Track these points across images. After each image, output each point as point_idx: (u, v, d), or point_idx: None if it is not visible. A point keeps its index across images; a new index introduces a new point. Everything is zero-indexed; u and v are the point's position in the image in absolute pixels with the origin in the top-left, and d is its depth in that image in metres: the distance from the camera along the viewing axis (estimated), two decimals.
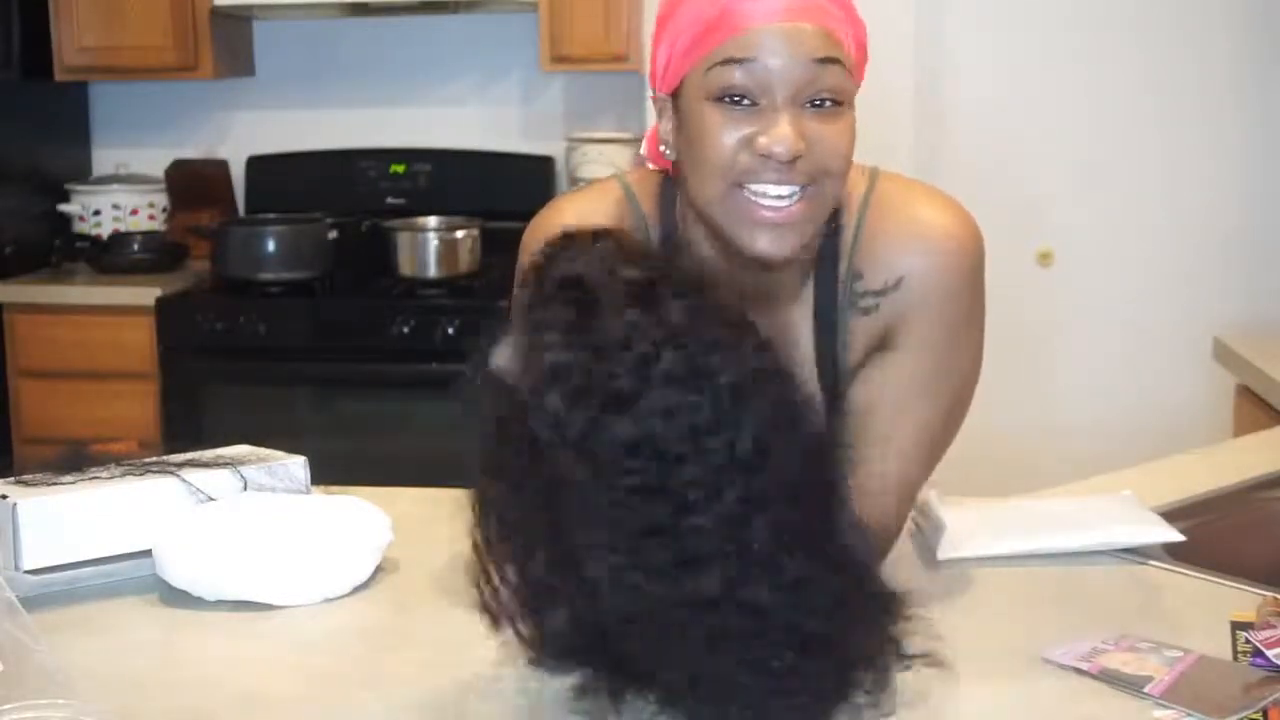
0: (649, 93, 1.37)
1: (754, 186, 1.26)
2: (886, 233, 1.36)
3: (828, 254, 1.37)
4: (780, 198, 1.26)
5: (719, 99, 1.26)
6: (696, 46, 1.27)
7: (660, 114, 1.35)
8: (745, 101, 1.25)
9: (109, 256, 3.92)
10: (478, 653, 1.22)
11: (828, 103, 1.26)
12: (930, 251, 1.35)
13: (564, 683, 1.10)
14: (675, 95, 1.31)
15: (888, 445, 1.36)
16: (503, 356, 1.05)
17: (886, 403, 1.36)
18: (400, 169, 4.04)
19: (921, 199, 1.38)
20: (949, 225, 1.36)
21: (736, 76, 1.25)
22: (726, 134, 1.26)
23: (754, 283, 1.35)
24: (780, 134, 1.24)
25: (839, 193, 1.31)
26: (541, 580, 1.05)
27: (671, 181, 1.41)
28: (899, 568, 1.44)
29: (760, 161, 1.25)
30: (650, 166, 1.45)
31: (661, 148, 1.36)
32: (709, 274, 1.10)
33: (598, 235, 1.07)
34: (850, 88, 1.28)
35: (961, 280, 1.36)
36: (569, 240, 1.07)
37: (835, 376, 1.38)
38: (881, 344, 1.37)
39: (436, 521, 1.61)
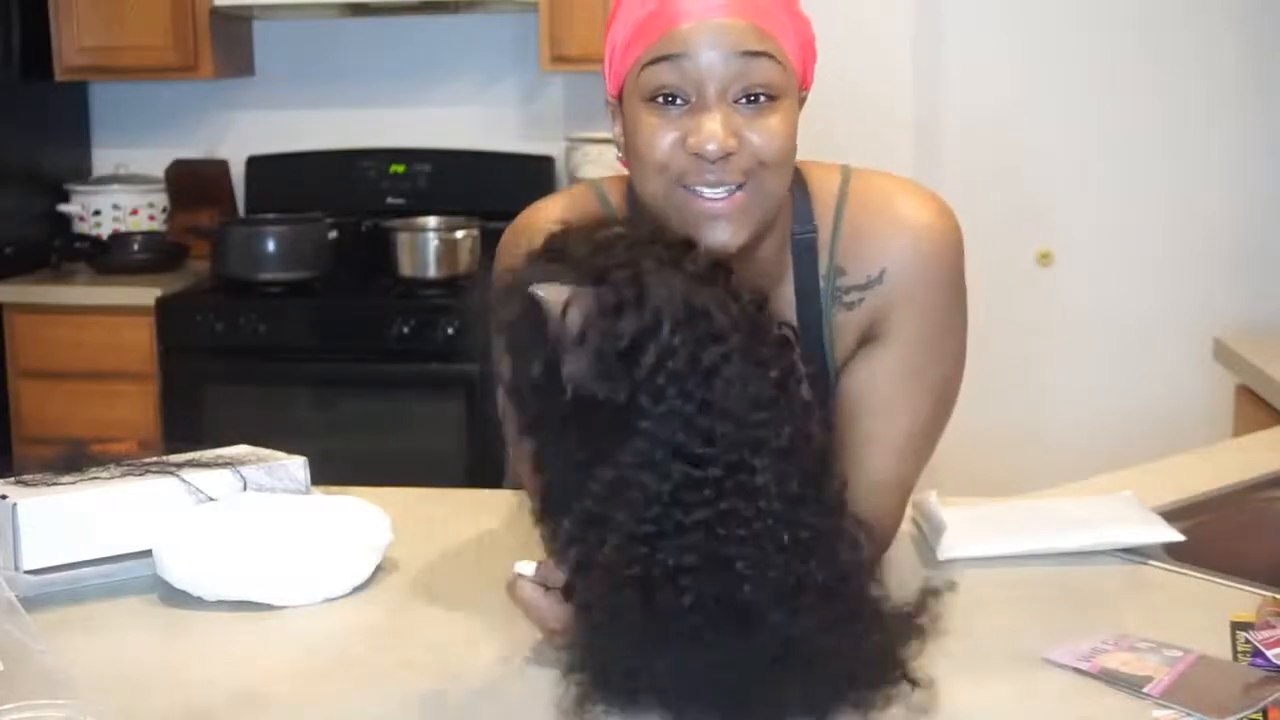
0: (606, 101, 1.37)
1: (690, 184, 1.26)
2: (867, 227, 1.36)
3: (805, 253, 1.37)
4: (717, 194, 1.26)
5: (652, 99, 1.27)
6: (630, 48, 1.28)
7: (612, 118, 1.35)
8: (678, 100, 1.26)
9: (109, 256, 3.92)
10: (478, 653, 1.22)
11: (761, 97, 1.26)
12: (912, 243, 1.35)
13: (562, 683, 1.09)
14: (620, 98, 1.32)
15: (880, 441, 1.36)
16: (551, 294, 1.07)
17: (876, 397, 1.37)
18: (400, 169, 4.04)
19: (899, 192, 1.39)
20: (929, 217, 1.37)
21: (666, 74, 1.25)
22: (660, 135, 1.26)
23: None
24: (709, 132, 1.24)
25: (782, 184, 1.30)
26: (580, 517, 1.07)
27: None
28: (899, 568, 1.44)
29: (694, 161, 1.25)
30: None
31: (616, 151, 1.37)
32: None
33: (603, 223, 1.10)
34: (784, 81, 1.27)
35: (943, 270, 1.37)
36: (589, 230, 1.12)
37: (824, 373, 1.38)
38: (866, 338, 1.38)
39: (436, 521, 1.62)
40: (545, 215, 1.40)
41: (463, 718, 1.13)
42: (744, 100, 1.25)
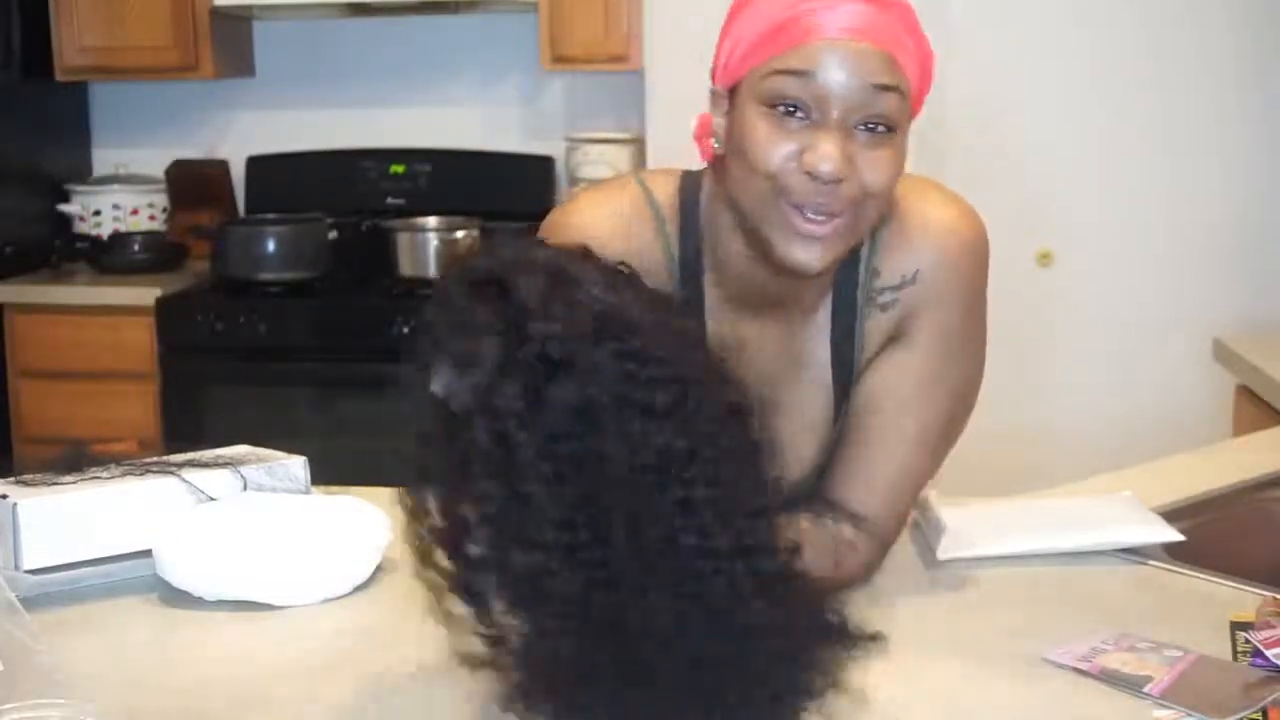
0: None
1: (795, 200, 1.25)
2: (902, 231, 1.37)
3: (848, 257, 1.37)
4: (820, 215, 1.25)
5: (772, 106, 1.25)
6: (759, 49, 1.26)
7: (715, 107, 1.34)
8: (798, 113, 1.25)
9: (109, 256, 3.92)
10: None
11: (880, 128, 1.25)
12: (942, 247, 1.37)
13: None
14: (732, 91, 1.31)
15: (898, 435, 1.37)
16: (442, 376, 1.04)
17: (899, 393, 1.37)
18: (400, 169, 4.04)
19: (933, 196, 1.40)
20: (958, 221, 1.38)
21: (792, 87, 1.24)
22: (775, 143, 1.25)
23: (779, 286, 1.35)
24: (827, 153, 1.23)
25: (877, 215, 1.31)
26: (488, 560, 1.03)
27: (694, 180, 1.41)
28: (899, 568, 1.44)
29: (803, 179, 1.24)
30: (701, 156, 1.43)
31: (712, 140, 1.35)
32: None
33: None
34: (904, 114, 1.27)
35: (970, 274, 1.38)
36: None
37: (850, 376, 1.39)
38: (893, 336, 1.39)
39: None
40: (580, 221, 1.38)
41: (462, 718, 1.13)
42: (863, 128, 1.25)
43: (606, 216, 1.38)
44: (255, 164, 4.12)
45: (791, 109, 1.25)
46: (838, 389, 1.40)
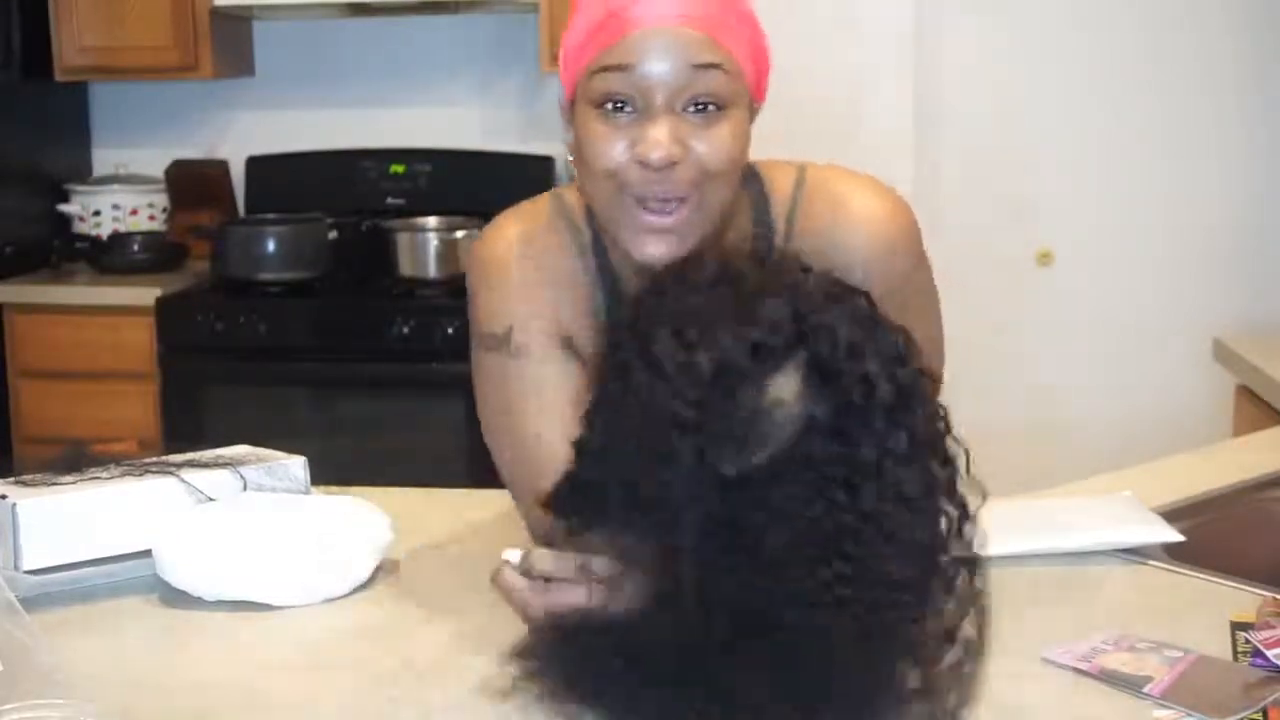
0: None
1: (636, 193, 1.26)
2: (815, 226, 1.36)
3: (763, 250, 1.36)
4: (663, 204, 1.26)
5: (600, 105, 1.27)
6: (582, 53, 1.28)
7: (566, 123, 1.35)
8: (626, 108, 1.26)
9: (109, 256, 3.92)
10: (478, 653, 1.22)
11: (709, 107, 1.25)
12: (858, 237, 1.36)
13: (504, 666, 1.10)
14: (572, 102, 1.32)
15: None
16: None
17: None
18: (400, 169, 4.04)
19: (849, 187, 1.39)
20: (874, 208, 1.37)
21: (614, 83, 1.25)
22: (607, 142, 1.26)
23: None
24: (654, 140, 1.24)
25: (727, 195, 1.30)
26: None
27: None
28: None
29: (640, 170, 1.25)
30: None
31: (568, 156, 1.37)
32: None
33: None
34: (734, 91, 1.27)
35: (896, 258, 1.37)
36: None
37: None
38: None
39: (436, 521, 1.62)
40: (506, 235, 1.42)
41: (462, 718, 1.13)
42: (692, 109, 1.25)
43: (531, 229, 1.41)
44: (255, 164, 4.12)
45: (619, 105, 1.26)
46: None
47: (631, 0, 1.25)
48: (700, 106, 1.25)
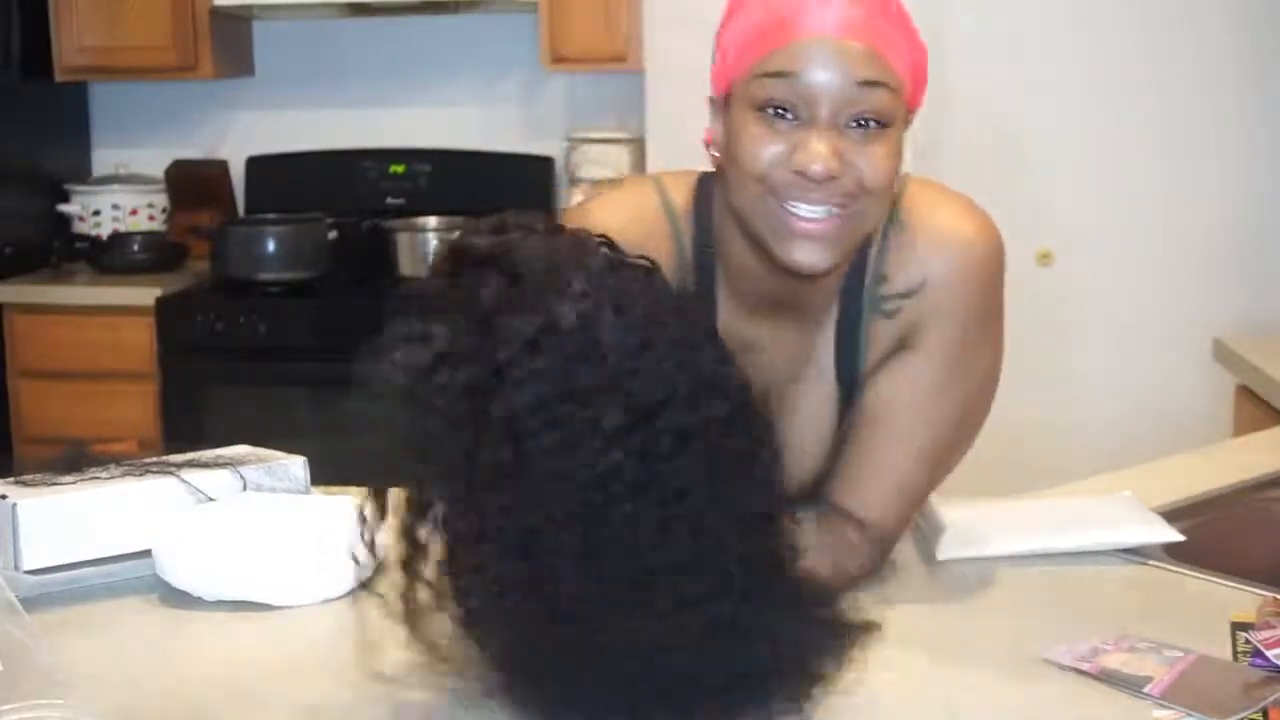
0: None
1: (788, 204, 1.26)
2: (913, 239, 1.37)
3: (856, 259, 1.37)
4: (814, 214, 1.25)
5: (761, 109, 1.25)
6: (746, 54, 1.27)
7: (713, 116, 1.34)
8: (788, 115, 1.25)
9: (109, 256, 3.92)
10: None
11: (871, 124, 1.25)
12: (952, 257, 1.36)
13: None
14: (726, 98, 1.31)
15: (897, 447, 1.37)
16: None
17: (900, 404, 1.37)
18: (400, 169, 4.04)
19: (947, 206, 1.39)
20: (971, 232, 1.38)
21: (779, 90, 1.24)
22: (765, 146, 1.25)
23: (788, 289, 1.35)
24: (816, 153, 1.23)
25: (880, 211, 1.30)
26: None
27: (709, 183, 1.41)
28: (899, 568, 1.44)
29: (795, 178, 1.24)
30: (709, 163, 1.44)
31: (711, 149, 1.36)
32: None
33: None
34: (896, 110, 1.27)
35: (980, 286, 1.38)
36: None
37: (853, 378, 1.39)
38: (899, 347, 1.38)
39: None
40: (594, 221, 1.35)
41: (462, 718, 1.13)
42: (853, 125, 1.25)
43: (622, 218, 1.37)
44: (255, 164, 4.12)
45: (780, 111, 1.25)
46: (842, 392, 1.40)
47: (802, 8, 1.24)
48: (862, 123, 1.25)
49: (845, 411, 1.40)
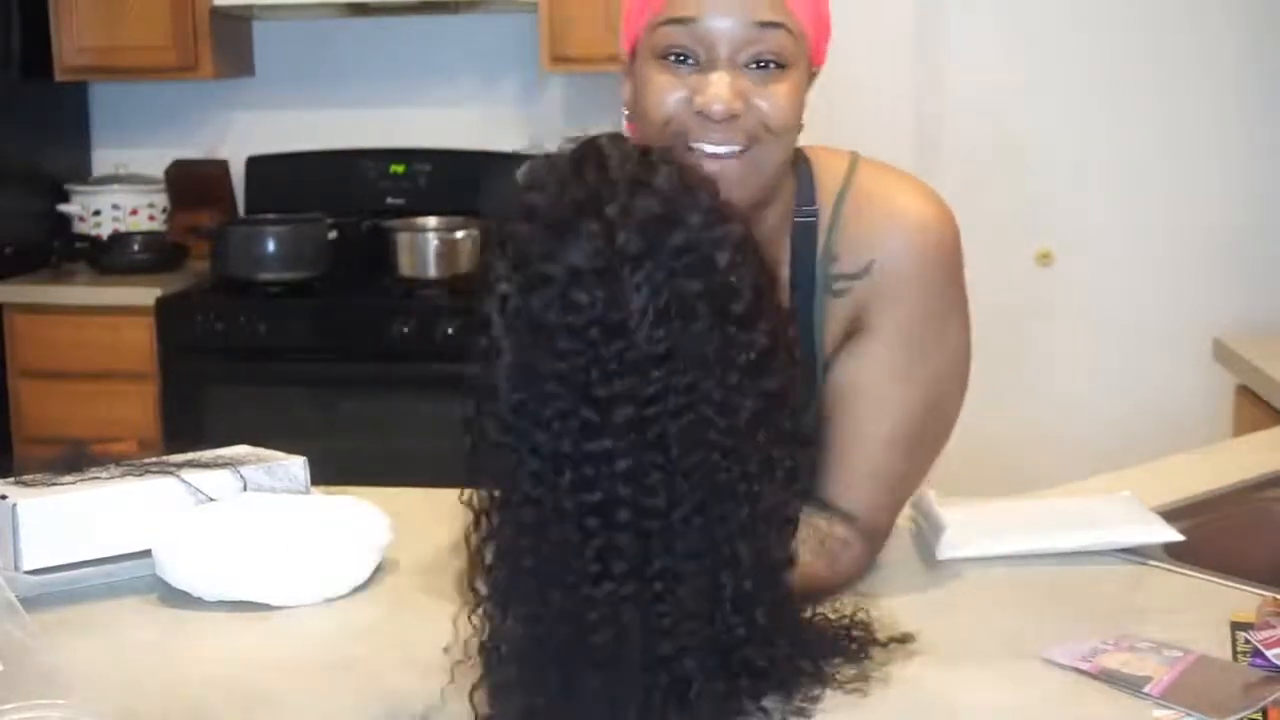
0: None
1: (693, 144, 1.27)
2: (862, 218, 1.37)
3: (804, 237, 1.38)
4: (718, 151, 1.27)
5: (663, 57, 1.28)
6: (646, 6, 1.29)
7: (623, 77, 1.36)
8: (688, 60, 1.27)
9: (109, 256, 3.92)
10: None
11: (770, 64, 1.27)
12: (903, 239, 1.36)
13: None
14: (632, 55, 1.33)
15: (867, 435, 1.36)
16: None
17: (862, 390, 1.36)
18: (400, 169, 4.04)
19: (899, 187, 1.39)
20: (923, 213, 1.37)
21: (679, 36, 1.27)
22: (667, 92, 1.27)
23: None
24: (716, 92, 1.25)
25: (781, 157, 1.31)
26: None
27: None
28: (899, 568, 1.44)
29: (698, 120, 1.26)
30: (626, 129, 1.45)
31: (624, 110, 1.37)
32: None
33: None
34: (795, 51, 1.28)
35: (934, 269, 1.37)
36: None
37: (812, 357, 1.39)
38: (853, 329, 1.38)
39: (436, 521, 1.61)
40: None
41: (461, 718, 1.13)
42: (754, 66, 1.26)
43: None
44: (255, 164, 4.12)
45: (681, 57, 1.27)
46: (802, 371, 1.39)
47: None
48: (762, 64, 1.26)
49: (808, 390, 1.39)
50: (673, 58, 1.27)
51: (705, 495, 1.01)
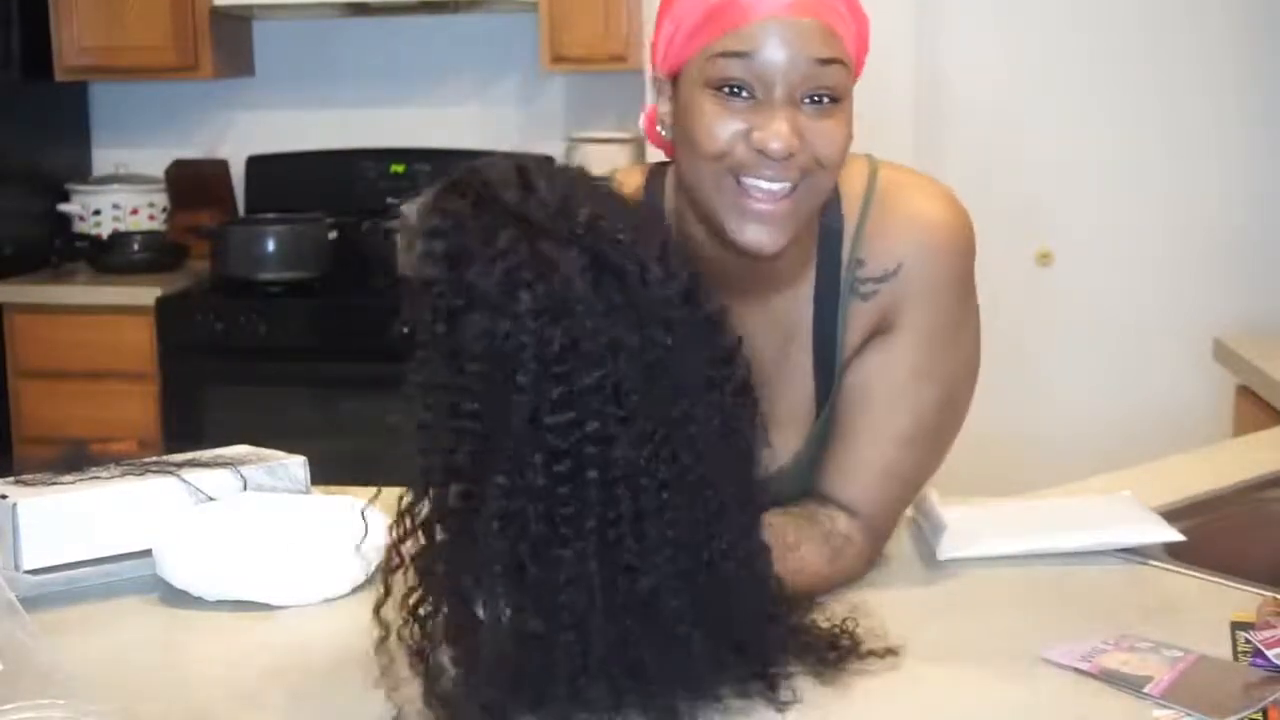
0: (648, 70, 1.37)
1: (746, 179, 1.26)
2: (887, 222, 1.38)
3: (831, 242, 1.38)
4: (772, 192, 1.26)
5: (717, 88, 1.26)
6: (699, 33, 1.27)
7: (659, 93, 1.35)
8: (743, 94, 1.26)
9: (109, 256, 3.92)
10: None
11: (825, 100, 1.26)
12: (929, 241, 1.37)
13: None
14: (675, 77, 1.32)
15: (883, 431, 1.37)
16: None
17: (882, 389, 1.37)
18: (400, 169, 4.04)
19: (921, 189, 1.40)
20: (946, 217, 1.38)
21: (736, 69, 1.25)
22: (722, 125, 1.26)
23: (750, 268, 1.35)
24: (777, 131, 1.24)
25: (830, 186, 1.32)
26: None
27: (659, 173, 1.43)
28: (899, 568, 1.44)
29: (755, 156, 1.25)
30: (650, 142, 1.45)
31: (658, 128, 1.36)
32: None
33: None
34: (848, 83, 1.28)
35: (955, 271, 1.38)
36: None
37: (833, 361, 1.39)
38: (876, 330, 1.39)
39: None
40: None
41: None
42: (808, 101, 1.26)
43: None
44: (255, 164, 4.12)
45: (736, 90, 1.26)
46: (821, 374, 1.40)
47: None
48: (817, 100, 1.26)
49: (824, 395, 1.40)
50: (728, 90, 1.26)
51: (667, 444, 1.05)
